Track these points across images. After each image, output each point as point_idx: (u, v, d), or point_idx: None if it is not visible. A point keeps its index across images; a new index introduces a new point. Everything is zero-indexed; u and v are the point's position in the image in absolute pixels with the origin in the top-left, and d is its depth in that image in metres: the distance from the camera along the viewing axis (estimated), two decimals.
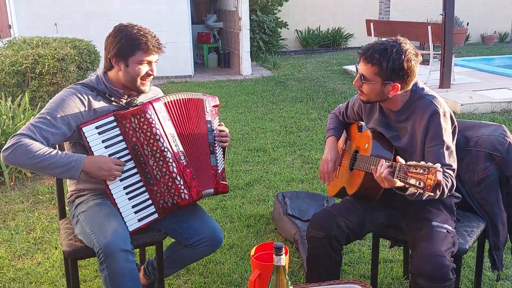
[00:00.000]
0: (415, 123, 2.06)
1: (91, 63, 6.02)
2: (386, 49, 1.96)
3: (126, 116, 2.09)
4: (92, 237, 2.01)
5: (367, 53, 1.99)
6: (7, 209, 3.73)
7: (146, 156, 2.11)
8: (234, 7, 9.64)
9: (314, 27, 12.93)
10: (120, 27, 2.14)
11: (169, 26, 8.83)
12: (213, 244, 2.24)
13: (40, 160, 1.96)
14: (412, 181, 1.68)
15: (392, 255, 2.98)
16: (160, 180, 2.12)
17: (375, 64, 1.98)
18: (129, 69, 2.13)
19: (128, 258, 1.95)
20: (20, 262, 2.99)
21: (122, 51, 2.10)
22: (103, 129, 2.09)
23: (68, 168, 2.01)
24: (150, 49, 2.11)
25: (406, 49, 1.97)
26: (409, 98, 2.09)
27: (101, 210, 2.11)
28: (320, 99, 7.18)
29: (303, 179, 4.18)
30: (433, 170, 1.61)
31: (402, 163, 1.75)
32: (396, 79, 1.99)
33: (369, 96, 2.08)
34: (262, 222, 3.43)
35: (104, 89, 2.19)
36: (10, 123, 4.31)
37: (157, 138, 2.09)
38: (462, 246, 2.08)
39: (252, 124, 5.95)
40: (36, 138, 2.00)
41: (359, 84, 2.07)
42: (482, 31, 14.01)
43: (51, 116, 2.05)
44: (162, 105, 2.15)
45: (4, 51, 5.61)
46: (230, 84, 8.51)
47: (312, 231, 2.16)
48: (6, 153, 1.98)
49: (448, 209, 2.15)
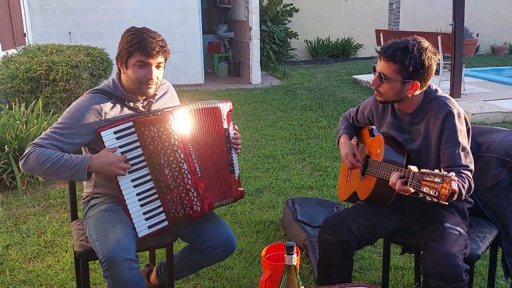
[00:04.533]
0: (429, 124, 2.06)
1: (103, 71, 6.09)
2: (407, 47, 1.95)
3: (145, 123, 2.06)
4: (96, 244, 2.03)
5: (388, 51, 1.97)
6: (18, 213, 3.76)
7: (162, 165, 2.09)
8: (244, 17, 9.71)
9: (324, 37, 12.96)
10: (128, 30, 2.09)
11: (181, 36, 8.92)
12: (226, 250, 2.23)
13: (49, 166, 1.99)
14: (425, 189, 1.66)
15: (403, 262, 2.96)
16: (174, 190, 2.11)
17: (396, 62, 1.96)
18: (128, 72, 2.08)
19: (132, 266, 1.95)
20: (31, 265, 3.01)
21: (123, 53, 2.06)
22: (121, 134, 2.08)
23: (75, 171, 2.02)
24: (148, 51, 2.01)
25: (426, 46, 1.98)
26: (423, 100, 2.09)
27: (109, 216, 2.11)
28: (330, 107, 7.18)
29: (313, 186, 4.18)
30: (448, 179, 1.59)
31: (415, 170, 1.74)
32: (416, 77, 1.98)
33: (387, 96, 2.05)
34: (272, 228, 3.43)
35: (121, 94, 2.16)
36: (23, 128, 4.35)
37: (174, 149, 2.06)
38: (475, 252, 2.06)
39: (262, 131, 5.96)
40: (49, 147, 2.03)
41: (378, 83, 2.04)
42: (492, 42, 13.96)
43: (67, 127, 2.05)
44: (182, 115, 2.10)
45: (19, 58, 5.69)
46: (240, 93, 8.55)
47: (324, 236, 2.15)
48: (21, 162, 2.05)
49: (461, 213, 2.14)
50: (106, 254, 1.94)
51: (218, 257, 2.26)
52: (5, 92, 5.50)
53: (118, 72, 2.21)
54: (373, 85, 2.08)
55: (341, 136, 2.41)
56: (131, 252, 1.97)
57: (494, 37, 13.92)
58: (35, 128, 4.29)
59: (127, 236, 2.01)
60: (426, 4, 13.35)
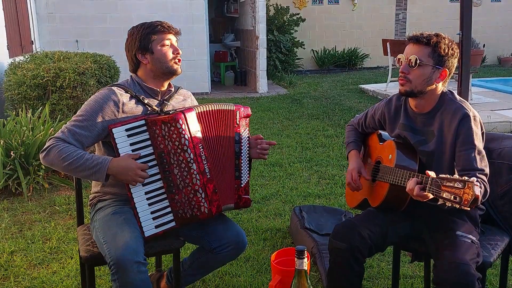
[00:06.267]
0: (443, 126, 2.03)
1: (110, 78, 6.09)
2: (438, 34, 2.02)
3: (157, 122, 2.08)
4: (104, 247, 2.01)
5: (421, 36, 2.01)
6: (23, 219, 3.74)
7: (172, 165, 2.09)
8: (251, 26, 9.75)
9: (330, 47, 12.99)
10: (133, 27, 2.23)
11: (188, 44, 8.95)
12: (237, 248, 2.21)
13: (69, 163, 2.01)
14: (446, 195, 1.63)
15: (412, 270, 2.91)
16: (182, 190, 2.10)
17: (430, 46, 1.99)
18: (155, 55, 2.17)
19: (140, 269, 1.93)
20: (35, 271, 2.98)
21: (143, 42, 2.17)
22: (132, 132, 2.08)
23: (94, 171, 2.03)
24: (166, 28, 2.18)
25: (451, 39, 2.03)
26: (439, 100, 2.07)
27: (117, 218, 2.10)
28: (336, 116, 7.16)
29: (320, 194, 4.14)
30: (470, 184, 1.56)
31: (433, 176, 1.71)
32: (445, 65, 2.01)
33: (416, 83, 2.02)
34: (279, 236, 3.39)
35: (139, 90, 2.21)
36: (29, 135, 4.36)
37: (184, 149, 2.06)
38: (487, 259, 2.02)
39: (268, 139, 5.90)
40: (70, 141, 2.04)
41: (407, 70, 2.02)
42: (498, 53, 13.94)
43: (86, 119, 2.08)
44: (194, 115, 2.12)
45: (27, 64, 5.71)
46: (246, 101, 8.55)
47: (335, 242, 2.11)
48: (43, 154, 2.06)
49: (473, 220, 2.10)
50: (114, 257, 1.92)
51: (229, 255, 2.23)
52: (12, 98, 5.51)
53: (132, 72, 2.27)
54: (402, 72, 2.03)
55: (350, 152, 2.39)
56: (140, 255, 1.95)
57: (501, 48, 13.90)
58: (42, 135, 4.29)
59: (135, 239, 1.99)
60: (432, 14, 13.36)
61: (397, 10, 13.38)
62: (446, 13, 13.19)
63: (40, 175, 4.24)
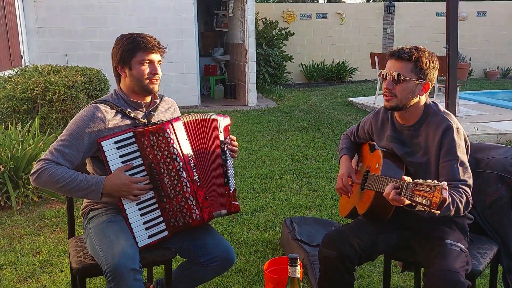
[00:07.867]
0: (428, 138, 2.07)
1: (100, 91, 6.09)
2: (418, 48, 2.05)
3: (145, 133, 2.10)
4: (100, 255, 2.01)
5: (402, 52, 2.04)
6: (13, 233, 3.71)
7: (162, 174, 2.11)
8: (241, 40, 9.82)
9: (319, 61, 13.12)
10: (121, 36, 2.19)
11: (178, 58, 8.98)
12: (224, 264, 2.22)
13: (63, 185, 2.03)
14: (418, 199, 1.67)
15: (402, 281, 2.93)
16: (173, 199, 2.12)
17: (412, 61, 2.02)
18: (133, 72, 2.16)
19: (136, 277, 1.93)
20: (25, 285, 2.95)
21: (124, 56, 2.15)
22: (121, 144, 2.10)
23: (88, 192, 2.06)
24: (149, 47, 2.14)
25: (431, 52, 2.07)
26: (423, 112, 2.11)
27: (112, 226, 2.11)
28: (325, 129, 7.21)
29: (311, 206, 4.16)
30: (439, 187, 1.60)
31: (409, 181, 1.75)
32: (427, 78, 2.05)
33: (402, 97, 2.05)
34: (270, 248, 3.40)
35: (123, 104, 2.22)
36: (19, 148, 4.33)
37: (173, 158, 2.10)
38: (476, 268, 2.05)
39: (258, 152, 5.96)
40: (60, 162, 2.06)
41: (392, 85, 2.06)
42: (484, 66, 14.17)
43: (73, 138, 2.08)
44: (181, 124, 2.16)
45: (16, 78, 5.70)
46: (236, 114, 8.58)
47: (325, 251, 2.13)
48: (33, 177, 2.06)
49: (461, 229, 2.13)
50: (111, 264, 1.92)
51: (216, 270, 2.24)
52: (1, 112, 5.48)
53: (117, 82, 2.26)
54: (387, 88, 2.07)
55: (342, 156, 2.44)
56: (136, 263, 1.96)
57: (487, 61, 14.14)
58: (31, 148, 4.27)
59: (131, 246, 2.00)
60: (419, 28, 13.58)
61: (385, 25, 13.58)
62: (433, 27, 13.42)
63: (29, 189, 4.21)
